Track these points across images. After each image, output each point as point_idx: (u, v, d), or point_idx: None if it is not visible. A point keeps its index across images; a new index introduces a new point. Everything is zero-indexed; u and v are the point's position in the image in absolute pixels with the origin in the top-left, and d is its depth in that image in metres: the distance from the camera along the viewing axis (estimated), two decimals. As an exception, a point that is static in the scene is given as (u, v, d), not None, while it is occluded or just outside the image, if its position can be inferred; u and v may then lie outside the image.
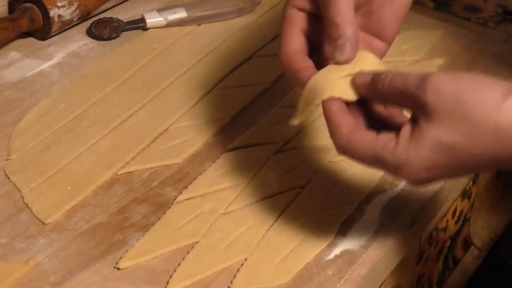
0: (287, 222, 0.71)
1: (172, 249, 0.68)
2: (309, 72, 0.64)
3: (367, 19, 0.67)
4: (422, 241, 0.75)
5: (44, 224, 0.70)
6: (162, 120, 0.82)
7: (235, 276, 0.66)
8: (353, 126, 0.60)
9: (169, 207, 0.72)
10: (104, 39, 0.94)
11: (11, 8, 0.93)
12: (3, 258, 0.66)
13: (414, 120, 0.58)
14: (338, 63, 0.63)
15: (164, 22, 0.96)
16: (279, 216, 0.71)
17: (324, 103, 0.61)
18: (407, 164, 0.57)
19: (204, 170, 0.76)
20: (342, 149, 0.60)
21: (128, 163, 0.77)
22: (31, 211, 0.71)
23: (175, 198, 0.73)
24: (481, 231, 1.00)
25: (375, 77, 0.60)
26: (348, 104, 0.62)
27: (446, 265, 0.91)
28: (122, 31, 0.95)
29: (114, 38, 0.94)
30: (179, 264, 0.66)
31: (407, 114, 0.60)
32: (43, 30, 0.92)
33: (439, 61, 0.92)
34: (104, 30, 0.95)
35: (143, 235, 0.69)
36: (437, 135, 0.56)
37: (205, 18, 0.97)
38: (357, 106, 0.62)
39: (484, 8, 1.05)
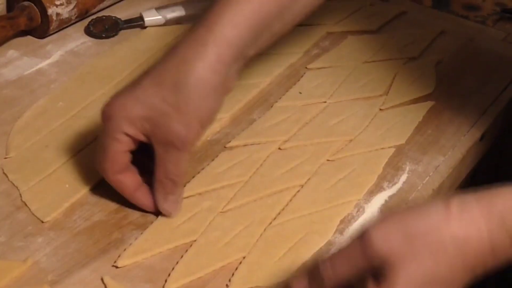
0: (285, 220, 0.71)
1: (170, 247, 0.68)
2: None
3: None
4: (420, 239, 0.75)
5: (42, 222, 0.70)
6: (161, 118, 0.82)
7: (233, 274, 0.66)
8: None
9: (168, 205, 0.72)
10: (102, 37, 0.94)
11: (10, 6, 0.93)
12: (2, 256, 0.66)
13: (374, 279, 0.56)
14: (163, 213, 0.69)
15: (163, 20, 0.96)
16: (277, 215, 0.71)
17: None
18: None
19: (203, 168, 0.76)
20: None
21: (126, 161, 0.76)
22: (29, 210, 0.71)
23: (174, 196, 0.73)
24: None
25: (313, 271, 0.58)
26: None
27: (445, 263, 0.91)
28: (121, 29, 0.95)
29: (113, 36, 0.94)
30: (177, 262, 0.66)
31: None
32: (41, 29, 0.92)
33: (437, 59, 0.92)
34: (102, 28, 0.94)
35: (142, 233, 0.69)
36: (408, 277, 0.55)
37: (204, 16, 0.97)
38: None
39: (482, 6, 1.05)
